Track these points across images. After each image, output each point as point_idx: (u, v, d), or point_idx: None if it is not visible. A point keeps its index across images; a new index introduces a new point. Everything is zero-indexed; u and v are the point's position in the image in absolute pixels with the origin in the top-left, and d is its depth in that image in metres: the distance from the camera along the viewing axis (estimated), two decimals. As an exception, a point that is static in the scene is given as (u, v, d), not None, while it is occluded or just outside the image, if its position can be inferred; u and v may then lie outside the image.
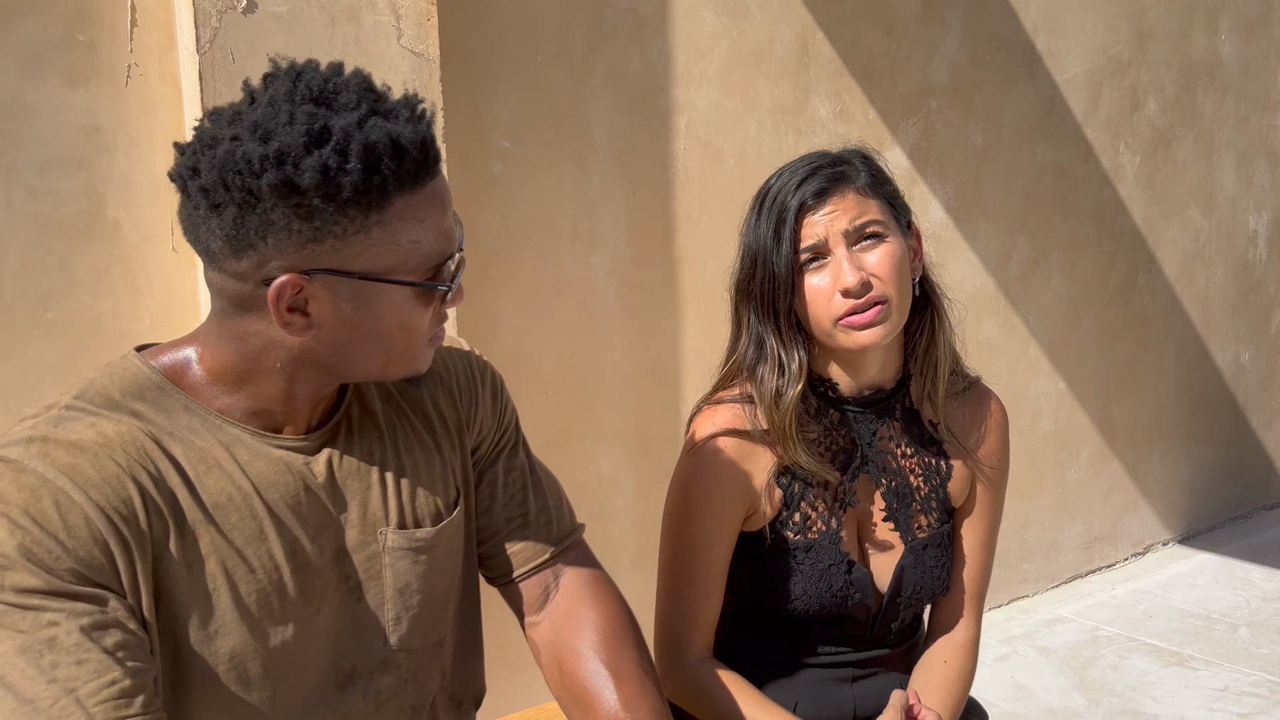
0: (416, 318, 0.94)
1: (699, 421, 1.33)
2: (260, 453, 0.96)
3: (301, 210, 0.86)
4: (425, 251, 0.91)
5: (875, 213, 1.23)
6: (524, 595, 1.15)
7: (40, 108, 1.70)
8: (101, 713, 0.81)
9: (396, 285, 0.91)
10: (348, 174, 0.85)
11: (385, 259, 0.89)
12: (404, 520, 1.04)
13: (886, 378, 1.33)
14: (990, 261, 3.22)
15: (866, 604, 1.32)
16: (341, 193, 0.85)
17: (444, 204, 0.93)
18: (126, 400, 0.92)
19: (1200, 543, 3.94)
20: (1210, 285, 3.93)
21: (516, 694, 2.28)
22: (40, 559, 0.82)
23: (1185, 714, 2.66)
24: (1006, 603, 3.42)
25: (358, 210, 0.87)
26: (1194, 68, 3.71)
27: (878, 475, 1.33)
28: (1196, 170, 3.79)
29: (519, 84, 2.26)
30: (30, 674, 0.80)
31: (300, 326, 0.91)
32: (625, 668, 1.08)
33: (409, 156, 0.87)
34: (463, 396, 1.12)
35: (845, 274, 1.20)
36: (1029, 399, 3.39)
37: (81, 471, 0.86)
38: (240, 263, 0.89)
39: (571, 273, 2.39)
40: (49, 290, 1.73)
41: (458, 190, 2.11)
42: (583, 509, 1.32)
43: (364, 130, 0.85)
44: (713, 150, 2.57)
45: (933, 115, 3.01)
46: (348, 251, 0.88)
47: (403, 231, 0.89)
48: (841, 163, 1.26)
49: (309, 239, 0.87)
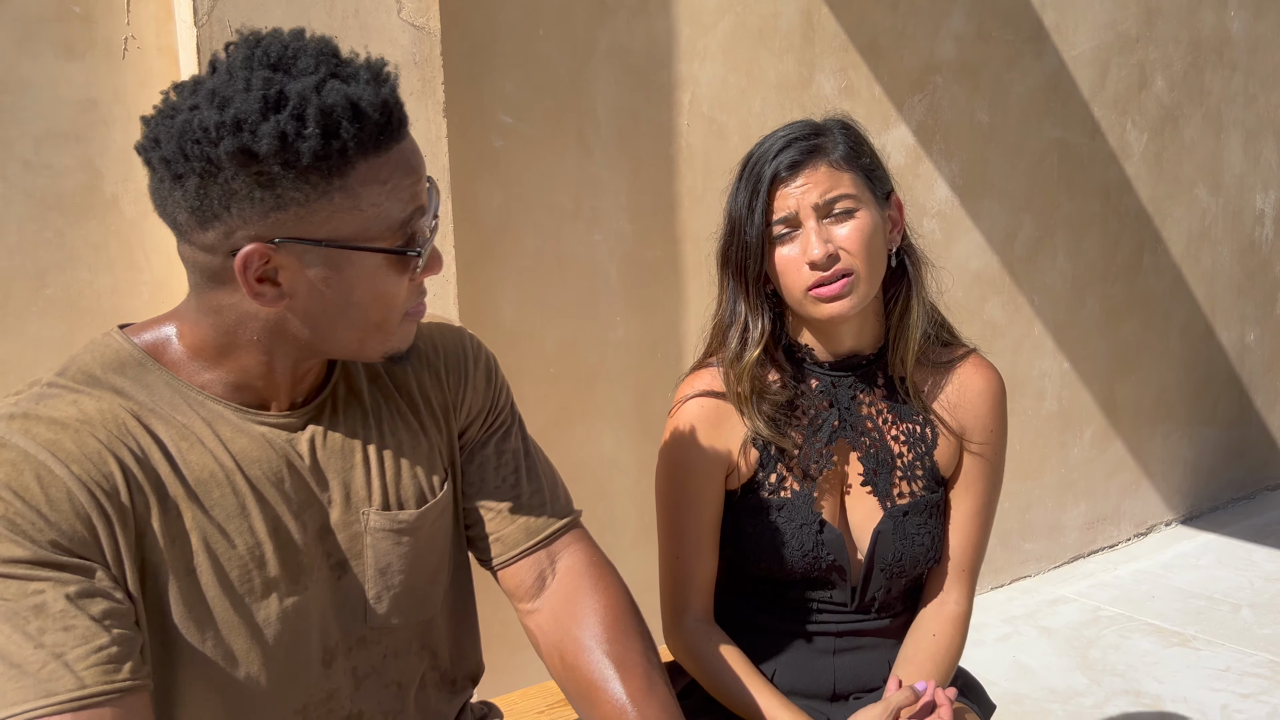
0: (390, 286, 0.92)
1: (681, 386, 1.38)
2: (242, 429, 0.96)
3: (262, 178, 0.84)
4: (392, 216, 0.90)
5: (848, 186, 1.25)
6: (517, 579, 1.13)
7: (36, 81, 1.68)
8: (90, 676, 0.82)
9: (364, 252, 0.89)
10: (305, 139, 0.83)
11: (350, 225, 0.88)
12: (387, 501, 1.03)
13: (864, 344, 1.35)
14: (995, 240, 3.20)
15: (841, 565, 1.33)
16: (301, 159, 0.84)
17: (411, 168, 0.91)
18: (108, 377, 0.92)
19: (1203, 523, 3.94)
20: (1216, 265, 3.91)
21: (517, 672, 2.28)
22: (24, 530, 0.83)
23: (1187, 694, 2.66)
24: (1008, 583, 3.42)
25: (319, 176, 0.85)
26: (1203, 45, 3.67)
27: (855, 440, 1.34)
28: (1204, 149, 3.76)
29: (520, 58, 2.24)
30: (17, 640, 0.81)
31: (271, 297, 0.90)
32: (630, 659, 1.06)
33: (369, 119, 0.85)
34: (450, 378, 1.11)
35: (812, 247, 1.23)
36: (1033, 379, 3.38)
37: (63, 446, 0.86)
38: (207, 234, 0.88)
39: (573, 250, 2.37)
40: (47, 266, 1.72)
41: (458, 166, 2.09)
42: (584, 488, 1.32)
43: (321, 94, 0.84)
44: (716, 126, 2.54)
45: (939, 92, 2.98)
46: (312, 218, 0.87)
47: (366, 196, 0.87)
48: (819, 134, 1.27)
49: (272, 207, 0.86)
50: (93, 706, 0.81)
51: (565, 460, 2.43)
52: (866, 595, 1.36)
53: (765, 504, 1.33)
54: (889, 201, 1.31)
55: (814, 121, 1.30)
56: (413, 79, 1.85)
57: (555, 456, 1.29)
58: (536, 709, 1.67)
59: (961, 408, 1.37)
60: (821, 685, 1.38)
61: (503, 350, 2.28)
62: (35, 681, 0.80)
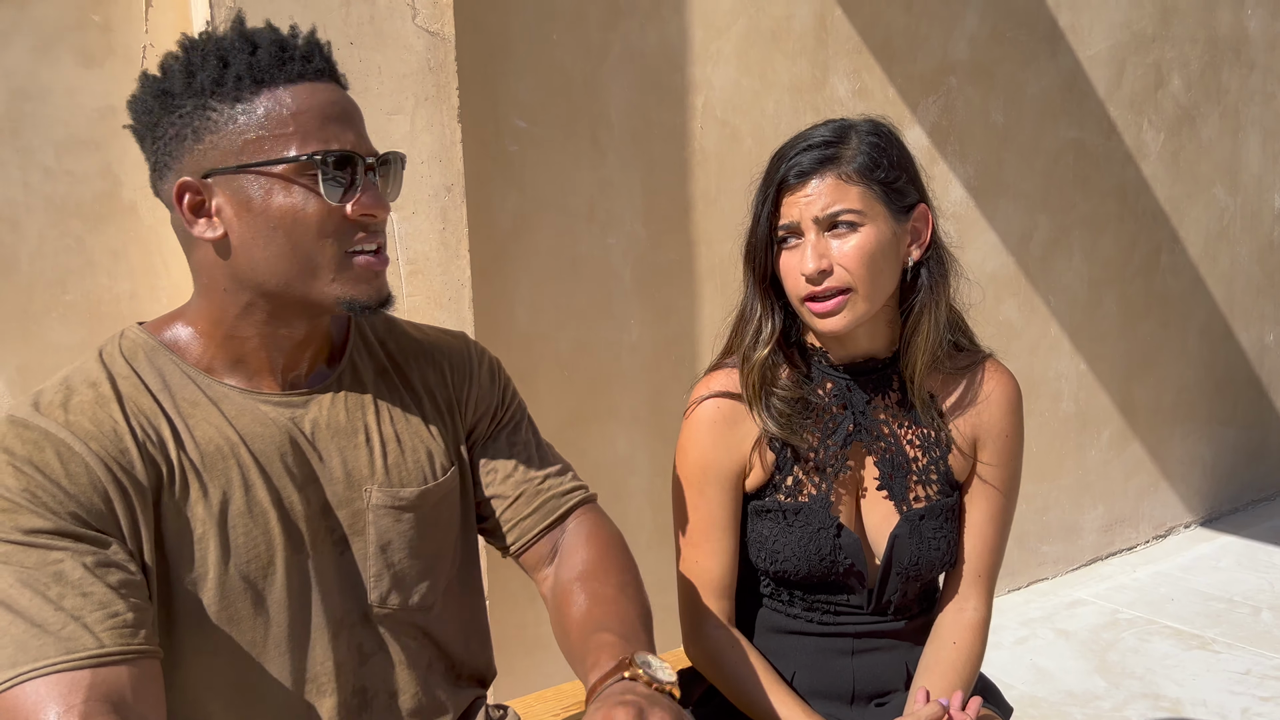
0: (304, 206, 0.96)
1: (697, 386, 1.38)
2: (247, 408, 1.02)
3: (181, 116, 0.95)
4: (300, 137, 0.95)
5: (853, 201, 1.23)
6: (537, 557, 1.19)
7: (56, 88, 1.70)
8: (109, 637, 0.86)
9: (271, 167, 0.95)
10: (206, 70, 0.94)
11: (257, 147, 0.95)
12: (389, 480, 1.08)
13: (878, 348, 1.34)
14: (1011, 241, 3.19)
15: (859, 570, 1.33)
16: (205, 89, 0.94)
17: (325, 105, 0.97)
18: (125, 363, 0.99)
19: (1223, 525, 3.91)
20: (1234, 265, 3.88)
21: (532, 674, 2.28)
22: (45, 502, 0.88)
23: (1206, 697, 2.64)
24: (1026, 585, 3.40)
25: (220, 102, 0.94)
26: (1219, 43, 3.65)
27: (870, 444, 1.34)
28: (1221, 148, 3.74)
29: (534, 62, 2.25)
30: (38, 602, 0.85)
31: (208, 229, 0.97)
32: (605, 591, 1.09)
33: (264, 51, 0.95)
34: (454, 376, 1.17)
35: (806, 260, 1.23)
36: (1049, 380, 3.37)
37: (81, 426, 0.93)
38: (165, 185, 0.98)
39: (587, 253, 2.38)
40: (67, 271, 1.74)
41: (473, 170, 2.10)
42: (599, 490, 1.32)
43: (224, 37, 0.97)
44: (730, 129, 2.55)
45: (953, 93, 2.98)
46: (224, 145, 0.95)
47: (269, 118, 0.95)
48: (840, 141, 1.25)
49: (192, 140, 0.95)
50: (112, 664, 0.86)
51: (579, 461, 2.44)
52: (883, 598, 1.35)
53: (782, 507, 1.33)
54: (911, 213, 1.28)
55: (845, 124, 1.27)
56: (427, 84, 1.87)
57: (569, 458, 1.30)
58: (551, 712, 1.68)
59: (976, 413, 1.36)
60: (840, 686, 1.38)
61: (517, 352, 2.29)
62: (57, 640, 0.84)
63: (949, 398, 1.37)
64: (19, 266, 1.70)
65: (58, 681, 0.83)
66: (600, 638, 1.00)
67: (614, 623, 1.03)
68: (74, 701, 0.83)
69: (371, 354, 1.13)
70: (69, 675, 0.84)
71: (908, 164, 1.28)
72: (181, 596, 0.96)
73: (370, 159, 0.98)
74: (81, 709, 0.83)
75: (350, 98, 1.00)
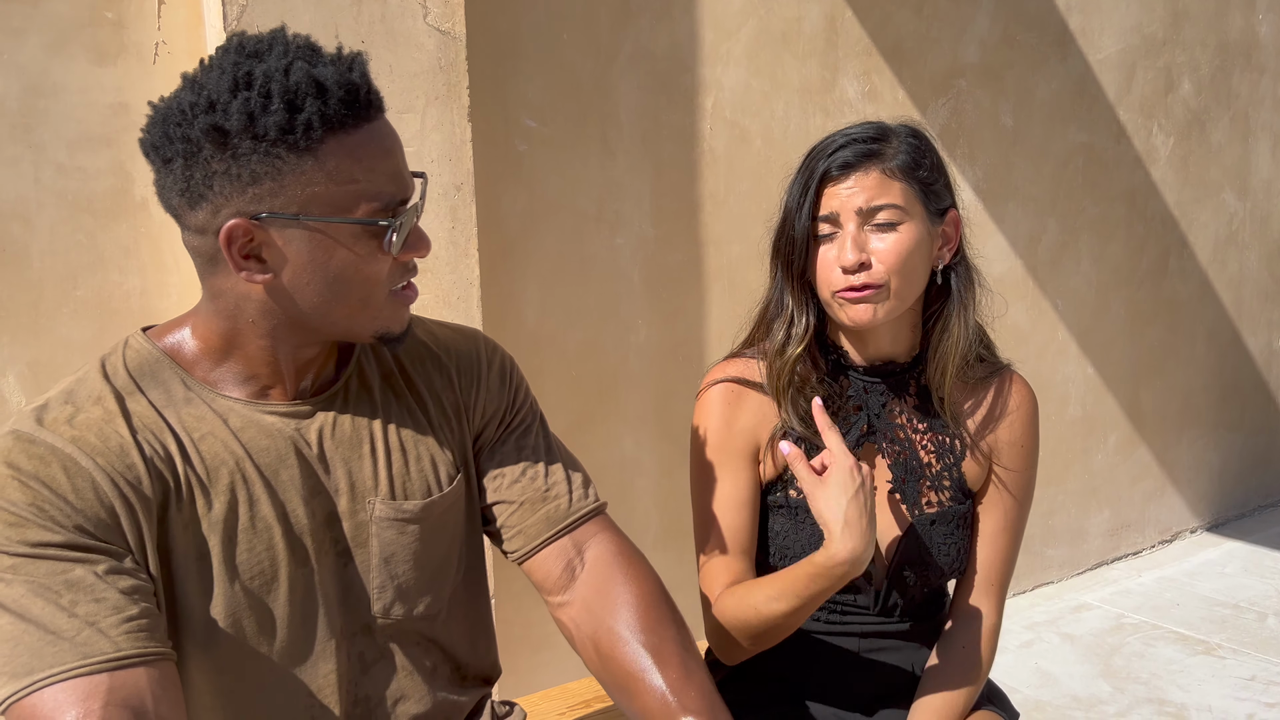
0: (367, 259, 0.95)
1: (712, 370, 1.37)
2: (252, 420, 1.00)
3: (236, 154, 0.90)
4: (366, 191, 0.93)
5: (895, 197, 1.23)
6: (544, 570, 1.14)
7: (68, 85, 1.71)
8: (125, 641, 0.86)
9: (339, 225, 0.93)
10: (271, 114, 0.89)
11: (324, 199, 0.92)
12: (393, 492, 1.06)
13: (899, 351, 1.34)
14: (1019, 244, 3.19)
15: (866, 570, 1.32)
16: (268, 133, 0.89)
17: (386, 148, 0.95)
18: (129, 376, 0.98)
19: (1229, 530, 3.90)
20: (1244, 270, 3.87)
21: (538, 673, 2.29)
22: (53, 516, 0.88)
23: (1211, 703, 2.64)
24: (1031, 589, 3.40)
25: (287, 149, 0.90)
26: (1230, 48, 3.64)
27: (884, 446, 1.34)
28: (1231, 153, 3.73)
29: (545, 63, 2.25)
30: (51, 611, 0.85)
31: (257, 272, 0.94)
32: (667, 648, 1.06)
33: (333, 96, 0.90)
34: (462, 380, 1.14)
35: (846, 251, 1.23)
36: (1056, 384, 3.36)
37: (87, 441, 0.92)
38: (198, 215, 0.93)
39: (596, 254, 2.38)
40: (78, 268, 1.74)
41: (482, 170, 2.10)
42: (606, 491, 1.32)
43: (288, 74, 0.90)
44: (739, 130, 2.55)
45: (962, 95, 2.97)
46: (286, 193, 0.91)
47: (338, 171, 0.91)
48: (881, 139, 1.25)
49: (248, 182, 0.90)
50: (129, 667, 0.85)
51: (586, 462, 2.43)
52: (890, 600, 1.36)
53: (792, 504, 1.33)
54: (944, 217, 1.29)
55: (884, 125, 1.28)
56: (438, 83, 1.87)
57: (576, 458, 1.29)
58: (557, 710, 1.68)
59: (994, 425, 1.37)
60: (848, 686, 1.38)
61: (525, 353, 2.29)
62: (72, 645, 0.84)
63: (968, 406, 1.36)
64: (30, 262, 1.70)
65: (75, 687, 0.83)
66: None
67: (698, 702, 1.03)
68: (92, 706, 0.82)
69: (379, 358, 1.11)
70: (86, 680, 0.83)
71: (943, 168, 1.30)
72: (185, 611, 0.96)
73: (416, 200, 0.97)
74: (100, 713, 0.82)
75: (392, 126, 0.97)
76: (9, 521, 0.86)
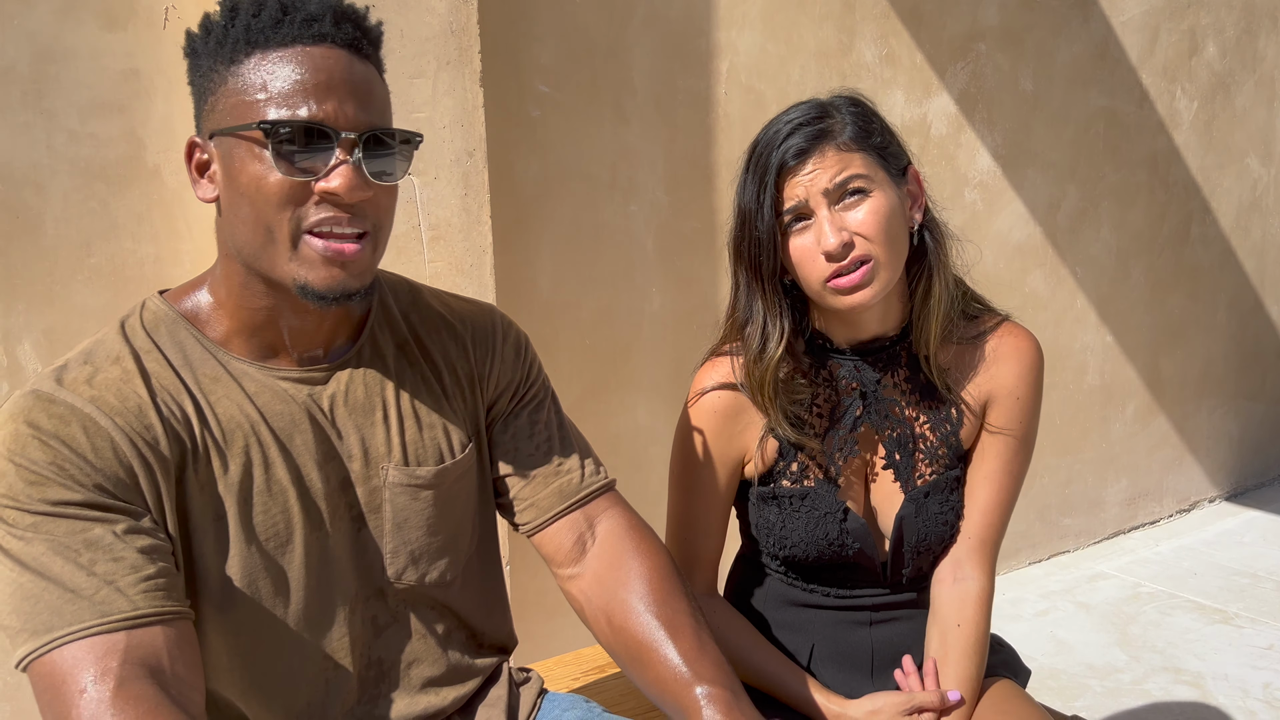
0: (268, 176, 0.91)
1: (699, 374, 1.36)
2: (266, 384, 1.01)
3: (200, 75, 0.95)
4: (266, 106, 0.91)
5: (858, 167, 1.19)
6: (555, 543, 1.15)
7: (79, 51, 1.70)
8: (142, 600, 0.87)
9: (236, 137, 0.92)
10: (214, 30, 0.94)
11: (234, 112, 0.92)
12: (406, 458, 1.07)
13: (889, 327, 1.31)
14: (1039, 211, 3.15)
15: (868, 553, 1.32)
16: (211, 49, 0.94)
17: (309, 70, 0.91)
18: (147, 337, 0.99)
19: (1248, 500, 3.87)
20: (1267, 237, 3.82)
21: (551, 639, 2.30)
22: (73, 475, 0.88)
23: (1228, 671, 2.63)
24: (1047, 558, 3.39)
25: (219, 62, 0.93)
26: (1256, 9, 3.57)
27: (880, 424, 1.32)
28: (1256, 117, 3.66)
29: (558, 27, 2.23)
30: (70, 569, 0.86)
31: (207, 190, 0.97)
32: (679, 620, 1.08)
33: (267, 12, 0.92)
34: (476, 350, 1.15)
35: (826, 236, 1.18)
36: (1075, 352, 3.33)
37: (106, 401, 0.92)
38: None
39: (610, 221, 2.36)
40: (91, 235, 1.74)
41: (495, 136, 2.08)
42: (619, 459, 1.32)
43: None
44: (754, 95, 2.52)
45: (982, 59, 2.93)
46: (219, 107, 0.93)
47: (250, 85, 0.91)
48: (825, 116, 1.21)
49: (201, 99, 0.95)
50: (147, 625, 0.86)
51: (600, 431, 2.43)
52: (896, 574, 1.35)
53: (788, 493, 1.32)
54: (906, 176, 1.26)
55: (820, 102, 1.24)
56: (449, 48, 1.85)
57: (590, 427, 1.29)
58: (570, 676, 1.69)
59: (988, 377, 1.33)
60: (860, 656, 1.38)
61: (539, 320, 2.29)
62: (91, 604, 0.85)
63: (961, 367, 1.33)
64: (44, 230, 1.70)
65: (93, 645, 0.84)
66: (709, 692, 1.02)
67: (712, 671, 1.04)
68: (110, 664, 0.83)
69: (393, 327, 1.11)
70: (104, 638, 0.84)
71: (890, 129, 1.27)
72: (202, 571, 0.97)
73: (350, 134, 0.91)
74: (118, 671, 0.83)
75: (359, 67, 0.94)
76: (29, 480, 0.87)
